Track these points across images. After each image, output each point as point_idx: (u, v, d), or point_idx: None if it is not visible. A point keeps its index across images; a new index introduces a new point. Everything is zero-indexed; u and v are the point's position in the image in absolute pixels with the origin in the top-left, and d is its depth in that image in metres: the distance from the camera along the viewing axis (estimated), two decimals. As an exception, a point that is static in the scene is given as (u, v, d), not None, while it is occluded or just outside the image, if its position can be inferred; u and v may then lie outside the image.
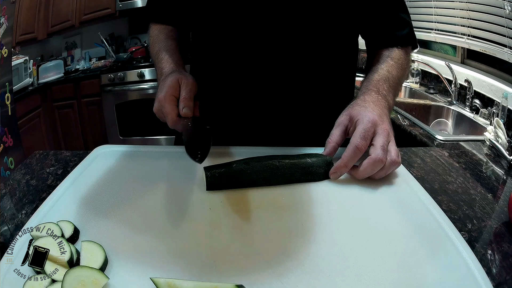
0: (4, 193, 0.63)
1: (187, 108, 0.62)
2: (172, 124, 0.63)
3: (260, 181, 0.58)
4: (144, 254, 0.44)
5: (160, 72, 0.74)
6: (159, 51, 0.79)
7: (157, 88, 0.69)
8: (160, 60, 0.77)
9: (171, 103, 0.63)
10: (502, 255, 0.50)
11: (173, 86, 0.64)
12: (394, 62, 0.75)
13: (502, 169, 0.86)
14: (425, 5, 1.97)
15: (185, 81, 0.65)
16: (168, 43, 0.81)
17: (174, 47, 0.80)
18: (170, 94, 0.63)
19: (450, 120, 1.69)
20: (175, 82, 0.65)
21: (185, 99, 0.63)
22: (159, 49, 0.79)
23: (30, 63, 2.60)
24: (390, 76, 0.72)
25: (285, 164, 0.59)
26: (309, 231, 0.49)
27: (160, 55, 0.78)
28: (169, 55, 0.77)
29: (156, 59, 0.79)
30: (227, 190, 0.57)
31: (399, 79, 0.74)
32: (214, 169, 0.58)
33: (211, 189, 0.57)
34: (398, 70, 0.74)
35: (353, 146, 0.59)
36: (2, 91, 1.97)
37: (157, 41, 0.82)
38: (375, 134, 0.60)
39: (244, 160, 0.60)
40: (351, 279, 0.41)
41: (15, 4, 2.33)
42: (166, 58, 0.76)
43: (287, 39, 0.73)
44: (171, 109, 0.62)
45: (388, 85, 0.71)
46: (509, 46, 1.41)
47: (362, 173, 0.59)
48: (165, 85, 0.65)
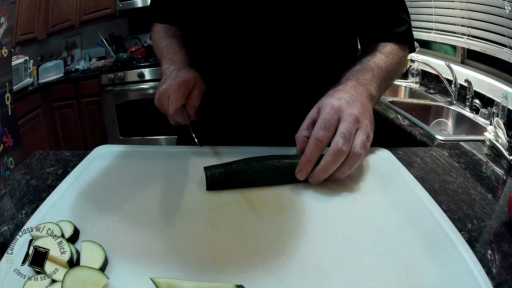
0: (4, 193, 0.63)
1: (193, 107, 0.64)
2: (173, 112, 0.64)
3: (260, 181, 0.58)
4: (144, 254, 0.44)
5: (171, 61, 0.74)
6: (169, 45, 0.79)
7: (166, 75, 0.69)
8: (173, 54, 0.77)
9: (184, 93, 0.63)
10: (502, 255, 0.50)
11: (190, 80, 0.65)
12: (383, 56, 0.71)
13: (502, 169, 0.86)
14: (425, 5, 1.97)
15: (200, 81, 0.67)
16: (178, 41, 0.82)
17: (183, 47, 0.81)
18: (185, 85, 0.64)
19: (450, 120, 1.69)
20: (193, 77, 0.66)
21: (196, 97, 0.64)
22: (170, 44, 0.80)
23: (30, 63, 2.60)
24: (375, 67, 0.68)
25: (285, 164, 0.59)
26: (309, 231, 0.49)
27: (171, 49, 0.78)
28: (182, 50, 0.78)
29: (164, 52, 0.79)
30: (228, 190, 0.57)
31: (387, 72, 0.70)
32: (214, 169, 0.58)
33: (211, 189, 0.57)
34: (387, 63, 0.71)
35: (313, 138, 0.54)
36: (2, 91, 1.97)
37: (165, 37, 0.83)
38: (340, 121, 0.55)
39: (244, 160, 0.60)
40: (351, 279, 0.41)
41: (15, 4, 2.33)
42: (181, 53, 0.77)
43: (285, 39, 0.73)
44: (181, 98, 0.63)
45: (372, 75, 0.67)
46: (509, 46, 1.41)
47: (322, 168, 0.53)
48: (181, 74, 0.65)
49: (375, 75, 0.68)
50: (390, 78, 0.73)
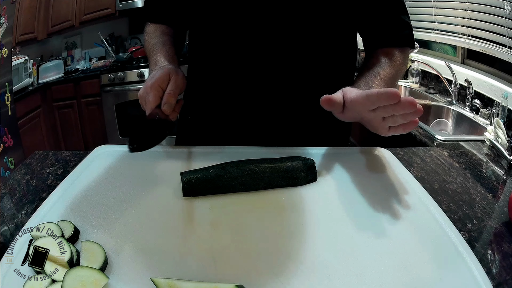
0: (4, 193, 0.63)
1: (167, 105, 0.62)
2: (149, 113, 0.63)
3: (238, 187, 0.56)
4: (144, 254, 0.44)
5: (154, 64, 0.74)
6: (155, 45, 0.79)
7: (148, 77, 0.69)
8: (156, 53, 0.77)
9: (156, 93, 0.63)
10: (502, 255, 0.50)
11: (162, 78, 0.64)
12: (388, 61, 0.74)
13: (502, 169, 0.86)
14: (425, 5, 1.97)
15: (174, 76, 0.65)
16: (164, 38, 0.82)
17: (169, 43, 0.80)
18: (157, 84, 0.63)
19: (450, 120, 1.69)
20: (165, 74, 0.65)
21: (169, 95, 0.62)
22: (156, 44, 0.80)
23: (30, 63, 2.60)
24: (381, 72, 0.71)
25: (264, 168, 0.57)
26: (310, 231, 0.49)
27: (156, 49, 0.78)
28: (165, 49, 0.77)
29: (151, 52, 0.79)
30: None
31: (392, 75, 0.73)
32: (190, 175, 0.56)
33: (187, 196, 0.55)
34: (391, 68, 0.74)
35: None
36: (2, 91, 1.97)
37: (153, 36, 0.83)
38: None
39: (221, 165, 0.58)
40: (351, 279, 0.41)
41: (15, 4, 2.33)
42: (162, 51, 0.76)
43: (284, 39, 0.73)
44: (154, 99, 0.62)
45: (380, 80, 0.69)
46: (509, 46, 1.41)
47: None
48: (155, 75, 0.65)
49: (382, 79, 0.70)
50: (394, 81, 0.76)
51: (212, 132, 0.84)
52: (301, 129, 0.80)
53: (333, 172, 0.63)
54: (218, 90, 0.81)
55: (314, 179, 0.60)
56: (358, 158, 0.68)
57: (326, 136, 0.82)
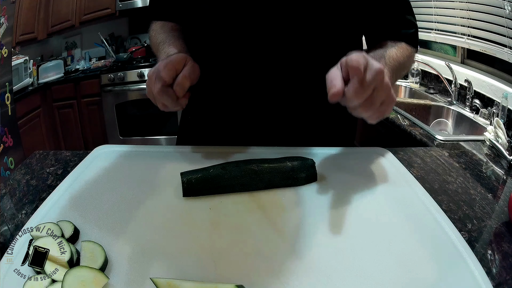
0: (4, 193, 0.63)
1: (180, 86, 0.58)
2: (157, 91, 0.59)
3: (238, 187, 0.56)
4: (144, 254, 0.44)
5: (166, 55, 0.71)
6: (165, 39, 0.77)
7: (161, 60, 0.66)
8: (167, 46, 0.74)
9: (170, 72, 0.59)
10: (502, 255, 0.50)
11: (179, 60, 0.61)
12: (395, 49, 0.71)
13: (502, 169, 0.86)
14: (425, 5, 1.97)
15: (191, 62, 0.62)
16: (174, 33, 0.80)
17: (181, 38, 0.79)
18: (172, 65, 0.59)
19: (450, 120, 1.69)
20: (182, 57, 0.62)
21: (184, 76, 0.59)
22: (166, 38, 0.78)
23: (30, 63, 2.59)
24: (386, 55, 0.68)
25: (264, 168, 0.57)
26: (310, 231, 0.49)
27: (167, 41, 0.76)
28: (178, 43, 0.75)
29: (160, 46, 0.77)
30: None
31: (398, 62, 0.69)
32: (190, 175, 0.56)
33: (187, 195, 0.55)
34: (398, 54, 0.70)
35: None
36: (2, 91, 1.97)
37: (161, 32, 0.82)
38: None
39: (221, 165, 0.58)
40: (351, 279, 0.41)
41: (15, 4, 2.33)
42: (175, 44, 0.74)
43: (287, 38, 0.73)
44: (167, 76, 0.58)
45: (384, 62, 0.66)
46: (509, 46, 1.41)
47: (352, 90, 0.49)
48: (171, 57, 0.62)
49: (387, 63, 0.67)
50: (400, 69, 0.72)
51: (213, 132, 0.84)
52: (304, 130, 0.80)
53: (333, 172, 0.63)
54: (219, 90, 0.81)
55: (314, 179, 0.60)
56: (358, 158, 0.69)
57: (330, 137, 0.82)
